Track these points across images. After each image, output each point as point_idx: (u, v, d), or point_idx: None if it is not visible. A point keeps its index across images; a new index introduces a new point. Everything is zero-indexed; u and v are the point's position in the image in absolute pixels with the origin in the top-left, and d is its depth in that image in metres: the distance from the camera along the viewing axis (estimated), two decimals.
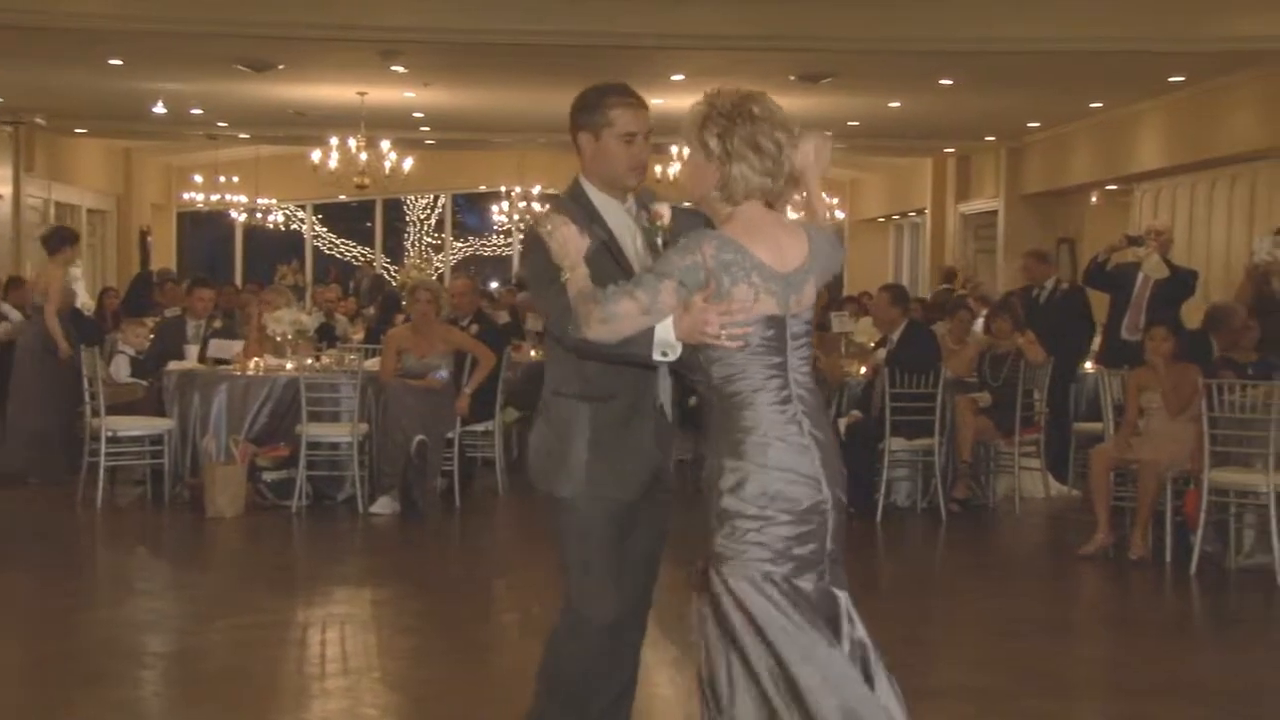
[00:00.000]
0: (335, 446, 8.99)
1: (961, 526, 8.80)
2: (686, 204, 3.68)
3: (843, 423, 8.88)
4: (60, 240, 10.46)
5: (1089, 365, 10.36)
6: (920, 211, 22.00)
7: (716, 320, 3.19)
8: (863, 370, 9.43)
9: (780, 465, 3.19)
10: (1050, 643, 6.24)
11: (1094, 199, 18.18)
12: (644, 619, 3.85)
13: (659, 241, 3.58)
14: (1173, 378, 7.72)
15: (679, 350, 3.29)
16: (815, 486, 3.22)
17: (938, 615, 6.81)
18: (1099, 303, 10.99)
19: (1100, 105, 15.22)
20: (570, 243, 3.35)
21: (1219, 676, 5.71)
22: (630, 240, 3.65)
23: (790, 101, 3.38)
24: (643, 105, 3.66)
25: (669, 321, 3.26)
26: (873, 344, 9.79)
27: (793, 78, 13.07)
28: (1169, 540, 7.54)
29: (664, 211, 3.59)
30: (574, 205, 3.63)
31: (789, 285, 3.26)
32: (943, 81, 13.78)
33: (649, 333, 3.29)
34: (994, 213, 19.32)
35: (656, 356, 3.31)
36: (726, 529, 3.20)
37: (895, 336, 9.01)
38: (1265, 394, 7.16)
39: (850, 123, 16.58)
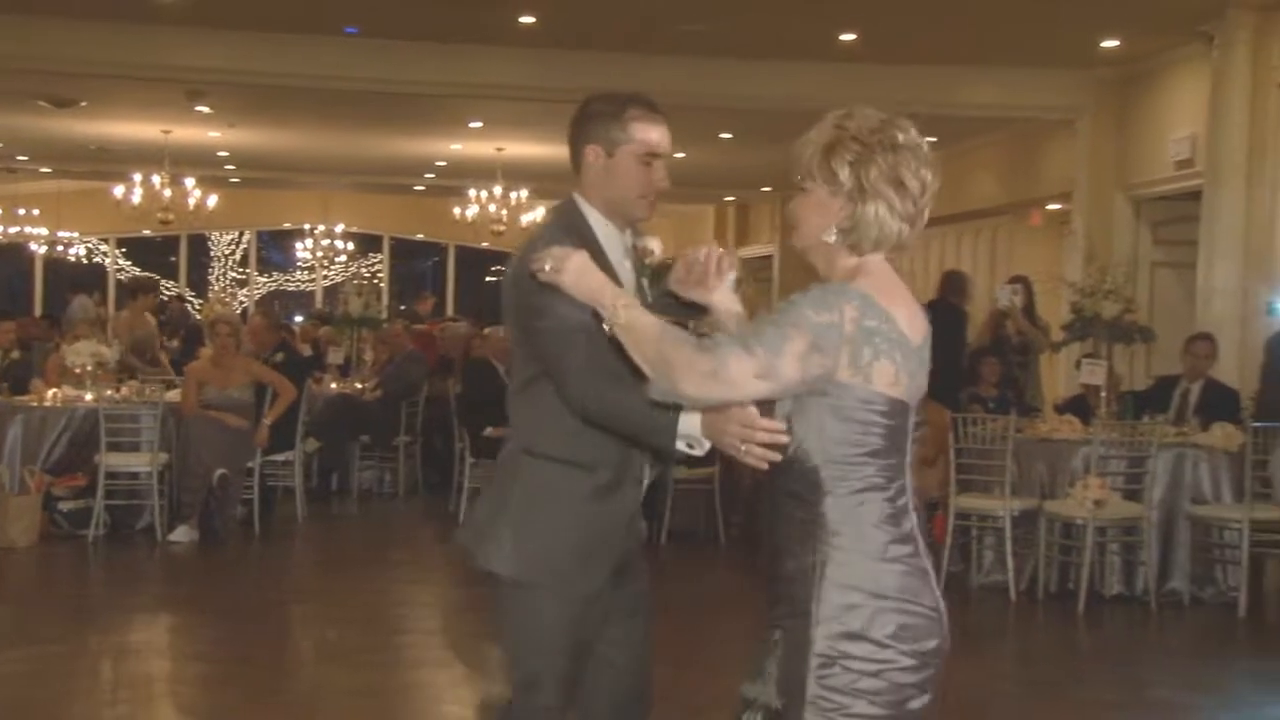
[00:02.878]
0: (135, 476, 9.05)
1: (741, 552, 9.18)
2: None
3: None
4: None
5: None
6: None
7: (764, 432, 2.49)
8: None
9: (900, 594, 2.43)
10: None
11: None
12: None
13: (645, 283, 3.03)
14: (929, 416, 8.43)
15: (706, 447, 2.71)
16: (938, 622, 2.48)
17: (725, 633, 6.95)
18: None
19: None
20: (586, 275, 2.60)
21: (956, 687, 6.16)
22: (631, 288, 2.95)
23: None
24: (665, 122, 3.01)
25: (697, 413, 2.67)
26: None
27: None
28: None
29: (654, 246, 3.07)
30: (568, 238, 2.85)
31: (921, 362, 2.51)
32: (723, 135, 14.60)
33: (670, 417, 2.69)
34: (770, 257, 20.38)
35: (680, 447, 2.74)
36: (825, 672, 2.41)
37: None
38: (1003, 427, 7.89)
39: None
